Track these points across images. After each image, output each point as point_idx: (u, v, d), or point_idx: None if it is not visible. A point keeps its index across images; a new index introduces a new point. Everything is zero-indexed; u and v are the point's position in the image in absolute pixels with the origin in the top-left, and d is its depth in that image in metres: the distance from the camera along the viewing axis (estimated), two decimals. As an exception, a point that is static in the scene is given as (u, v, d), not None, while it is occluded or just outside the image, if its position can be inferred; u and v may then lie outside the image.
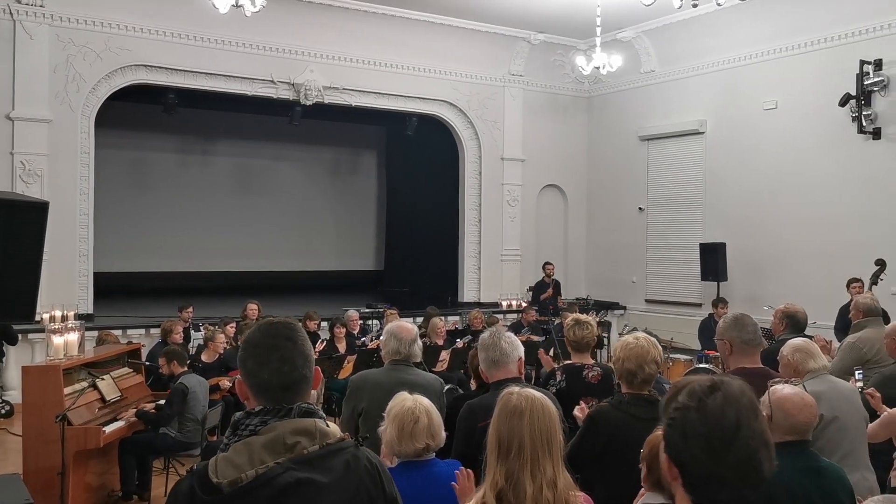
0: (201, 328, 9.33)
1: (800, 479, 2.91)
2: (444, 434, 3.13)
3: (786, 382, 3.26)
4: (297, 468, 1.80)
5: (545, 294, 12.92)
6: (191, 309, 9.83)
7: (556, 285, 13.31)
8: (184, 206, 15.87)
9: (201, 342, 8.65)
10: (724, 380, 1.56)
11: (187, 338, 9.29)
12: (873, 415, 4.29)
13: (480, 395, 3.75)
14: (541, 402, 2.41)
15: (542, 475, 2.29)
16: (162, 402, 6.40)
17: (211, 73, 11.48)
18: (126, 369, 6.80)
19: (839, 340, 7.46)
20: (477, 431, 3.11)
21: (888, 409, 4.31)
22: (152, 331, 9.81)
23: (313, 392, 2.02)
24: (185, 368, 6.74)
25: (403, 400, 3.11)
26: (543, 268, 13.40)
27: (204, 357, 8.02)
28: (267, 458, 1.79)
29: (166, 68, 11.19)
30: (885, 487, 3.94)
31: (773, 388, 3.15)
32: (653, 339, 3.65)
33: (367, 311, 11.39)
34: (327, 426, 1.92)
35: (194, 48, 11.27)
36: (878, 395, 4.48)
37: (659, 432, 1.69)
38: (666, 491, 1.60)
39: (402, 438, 3.01)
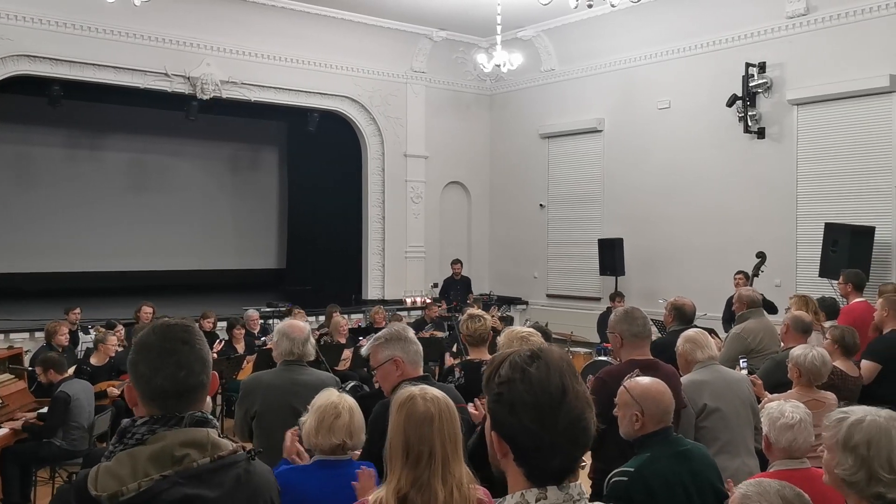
0: (91, 330, 8.94)
1: (672, 466, 3.00)
2: (363, 437, 3.11)
3: (630, 377, 3.31)
4: (185, 483, 1.71)
5: (448, 298, 12.77)
6: (78, 310, 9.39)
7: (466, 282, 13.37)
8: (72, 204, 15.11)
9: (90, 345, 8.28)
10: (542, 347, 1.58)
11: (75, 341, 8.89)
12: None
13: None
14: (446, 403, 2.38)
15: (452, 478, 2.28)
16: (44, 410, 6.09)
17: (99, 65, 10.96)
18: (7, 375, 6.50)
19: (726, 331, 7.83)
20: None
21: (769, 395, 4.51)
22: (37, 334, 9.31)
23: (208, 399, 1.93)
24: (66, 374, 6.43)
25: (329, 394, 3.13)
26: (451, 266, 13.44)
27: (93, 360, 7.68)
28: (152, 471, 1.69)
29: (51, 59, 10.62)
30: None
31: (627, 384, 3.19)
32: (527, 330, 3.72)
33: (268, 310, 11.15)
34: (220, 437, 1.84)
35: (81, 38, 10.74)
36: (760, 381, 4.70)
37: None
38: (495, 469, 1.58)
39: (319, 431, 3.01)
